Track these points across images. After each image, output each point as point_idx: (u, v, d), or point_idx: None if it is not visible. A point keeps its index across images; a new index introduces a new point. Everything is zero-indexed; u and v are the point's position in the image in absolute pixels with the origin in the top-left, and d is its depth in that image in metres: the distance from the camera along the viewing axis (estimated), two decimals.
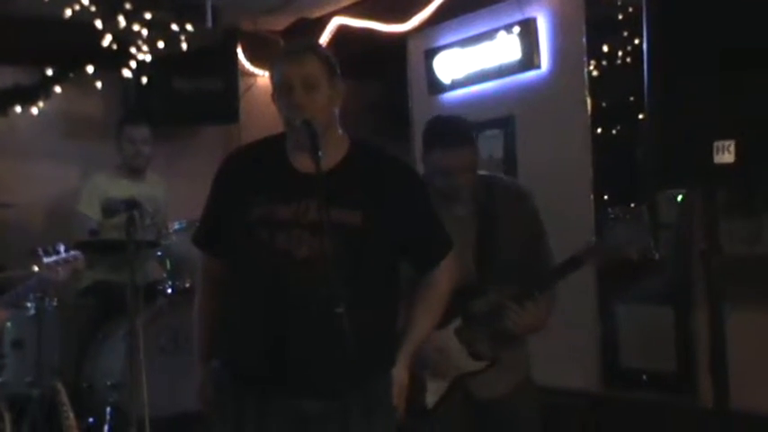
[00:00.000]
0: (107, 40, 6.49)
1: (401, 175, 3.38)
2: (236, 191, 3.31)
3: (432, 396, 3.96)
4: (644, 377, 5.46)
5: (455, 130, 4.01)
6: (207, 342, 3.48)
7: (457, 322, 3.91)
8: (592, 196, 5.65)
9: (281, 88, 3.23)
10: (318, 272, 3.04)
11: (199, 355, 3.50)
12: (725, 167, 3.45)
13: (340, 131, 3.32)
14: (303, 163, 3.21)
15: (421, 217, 3.39)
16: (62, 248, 4.58)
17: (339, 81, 3.29)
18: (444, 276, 3.47)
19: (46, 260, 4.60)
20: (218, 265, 3.42)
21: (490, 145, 6.33)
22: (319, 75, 3.22)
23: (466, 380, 3.98)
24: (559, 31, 5.99)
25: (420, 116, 7.04)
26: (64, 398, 4.83)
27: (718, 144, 3.44)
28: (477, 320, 3.93)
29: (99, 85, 7.13)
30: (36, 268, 4.55)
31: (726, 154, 3.42)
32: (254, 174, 3.32)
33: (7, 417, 4.69)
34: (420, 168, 4.00)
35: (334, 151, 3.25)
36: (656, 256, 4.79)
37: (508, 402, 4.03)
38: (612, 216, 3.97)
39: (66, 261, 4.68)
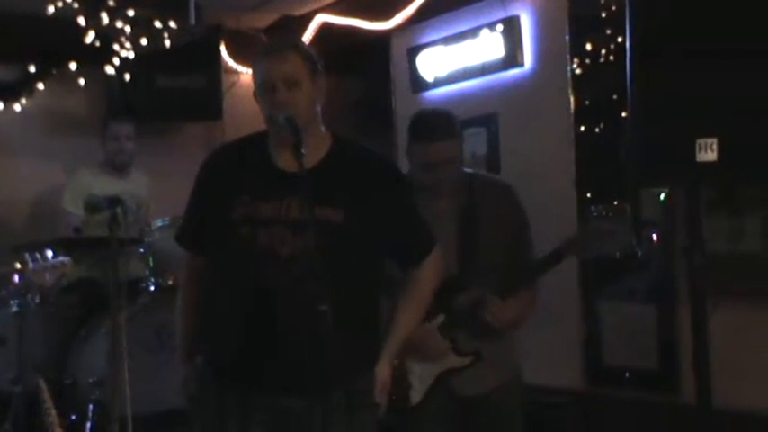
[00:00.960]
0: (90, 37, 6.46)
1: (384, 172, 3.40)
2: (219, 189, 3.32)
3: (416, 393, 3.98)
4: (627, 375, 5.47)
5: (438, 123, 4.02)
6: (190, 339, 3.50)
7: (440, 318, 3.92)
8: (575, 194, 5.65)
9: (263, 86, 3.24)
10: (301, 270, 3.04)
11: (182, 352, 3.52)
12: (708, 165, 3.46)
13: (322, 129, 3.33)
14: (286, 161, 3.22)
15: (404, 215, 3.41)
16: (49, 254, 4.58)
17: (321, 78, 3.31)
18: (428, 274, 3.49)
19: (33, 266, 4.61)
20: (201, 263, 3.44)
21: (473, 143, 6.33)
22: (302, 72, 3.23)
23: (450, 376, 3.99)
24: (543, 28, 5.99)
25: (403, 114, 7.03)
26: (46, 395, 4.81)
27: (700, 142, 3.45)
28: (460, 316, 3.95)
29: (82, 82, 7.15)
30: (18, 265, 4.55)
31: (708, 152, 3.44)
32: (237, 172, 3.33)
33: None
34: (404, 164, 4.02)
35: (316, 148, 3.26)
36: (639, 253, 4.82)
37: (493, 398, 4.04)
38: (595, 214, 4.00)
39: (53, 266, 4.69)
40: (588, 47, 5.59)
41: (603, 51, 5.47)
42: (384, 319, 3.41)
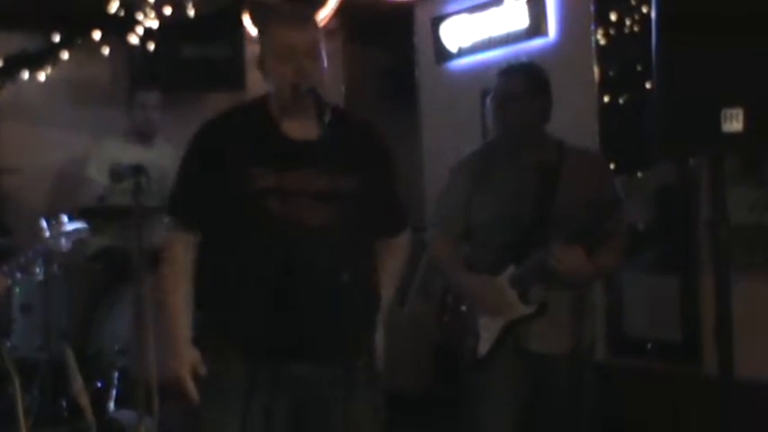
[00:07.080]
0: (114, 6, 6.49)
1: (379, 141, 3.43)
2: (228, 159, 3.24)
3: (484, 344, 3.99)
4: (649, 346, 5.47)
5: (529, 69, 4.21)
6: (187, 323, 3.32)
7: (510, 270, 3.94)
8: None
9: (284, 53, 3.23)
10: (329, 239, 3.06)
11: (181, 337, 3.30)
12: (733, 136, 3.44)
13: None
14: (295, 129, 3.24)
15: (393, 184, 3.47)
16: (65, 219, 4.61)
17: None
18: (404, 245, 3.55)
19: (49, 233, 4.63)
20: (193, 238, 3.30)
21: None
22: (320, 45, 3.26)
23: (516, 326, 3.97)
24: None
25: (426, 84, 7.03)
26: (72, 362, 4.86)
27: (726, 112, 3.43)
28: (529, 267, 3.93)
29: (106, 51, 7.14)
30: (45, 234, 4.58)
31: (734, 122, 3.42)
32: (246, 141, 3.27)
33: (16, 380, 4.72)
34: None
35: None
36: (661, 225, 4.81)
37: (562, 364, 4.00)
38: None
39: (68, 234, 4.72)
40: (613, 17, 5.58)
41: (628, 21, 5.46)
42: None
